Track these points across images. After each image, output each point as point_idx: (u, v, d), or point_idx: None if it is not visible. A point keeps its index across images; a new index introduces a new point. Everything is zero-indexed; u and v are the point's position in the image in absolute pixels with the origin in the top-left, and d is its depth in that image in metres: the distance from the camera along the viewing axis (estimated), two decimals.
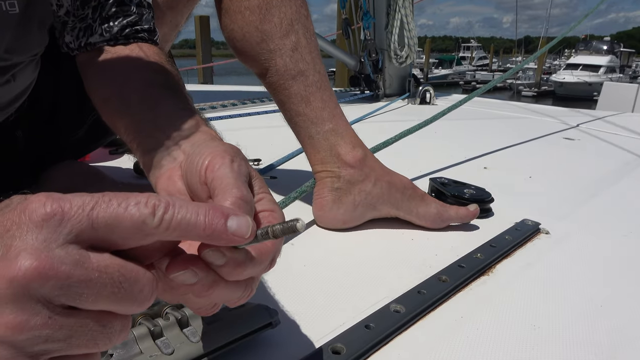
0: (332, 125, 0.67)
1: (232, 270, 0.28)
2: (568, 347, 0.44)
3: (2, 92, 0.56)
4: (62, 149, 0.73)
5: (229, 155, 0.33)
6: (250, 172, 0.34)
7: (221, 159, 0.33)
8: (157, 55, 0.51)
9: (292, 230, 0.27)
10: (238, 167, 0.33)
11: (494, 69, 34.51)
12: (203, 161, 0.33)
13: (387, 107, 1.84)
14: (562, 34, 1.70)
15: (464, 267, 0.56)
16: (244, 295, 0.30)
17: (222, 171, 0.32)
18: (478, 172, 1.00)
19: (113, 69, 0.49)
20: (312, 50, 0.67)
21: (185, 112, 0.43)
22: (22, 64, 0.55)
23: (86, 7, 0.51)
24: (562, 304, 0.51)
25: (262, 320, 0.41)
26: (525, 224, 0.70)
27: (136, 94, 0.45)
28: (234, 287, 0.29)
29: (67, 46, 0.53)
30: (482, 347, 0.44)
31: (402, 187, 0.68)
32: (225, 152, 0.34)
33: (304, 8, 0.67)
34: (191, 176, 0.34)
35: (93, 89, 0.51)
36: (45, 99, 0.67)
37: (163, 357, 0.36)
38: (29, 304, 0.21)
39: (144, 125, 0.43)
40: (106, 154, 1.05)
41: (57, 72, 0.67)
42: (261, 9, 0.64)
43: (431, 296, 0.50)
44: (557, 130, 1.47)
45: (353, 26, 2.16)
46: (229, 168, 0.32)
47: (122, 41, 0.51)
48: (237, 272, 0.28)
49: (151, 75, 0.48)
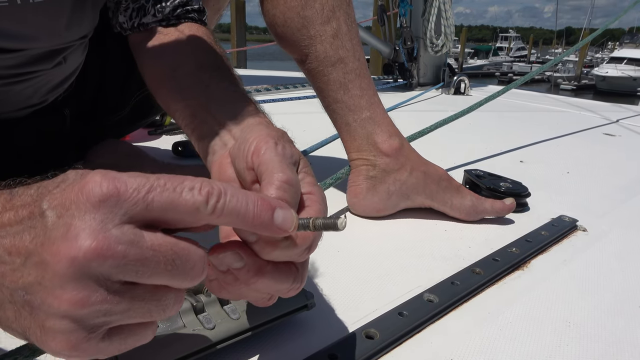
0: (370, 113, 0.67)
1: (264, 246, 0.28)
2: (604, 345, 0.44)
3: (55, 74, 0.58)
4: (105, 129, 0.75)
5: (272, 139, 0.34)
6: (294, 154, 0.34)
7: (265, 143, 0.34)
8: (206, 35, 0.52)
9: (333, 227, 0.27)
10: (282, 149, 0.33)
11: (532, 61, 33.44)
12: (249, 147, 0.34)
13: (420, 96, 1.82)
14: (605, 24, 1.63)
15: (498, 261, 0.56)
16: (294, 286, 0.31)
17: (267, 155, 0.33)
18: (514, 165, 0.99)
19: (165, 52, 0.51)
20: (353, 37, 0.67)
21: (236, 95, 0.44)
22: (73, 46, 0.57)
23: None
24: (599, 302, 0.51)
25: (298, 302, 0.42)
26: (563, 220, 0.69)
27: (188, 78, 0.46)
28: (281, 277, 0.30)
29: (120, 26, 0.54)
30: (515, 341, 0.44)
31: (437, 178, 0.67)
32: (269, 135, 0.34)
33: None
34: (239, 162, 0.35)
35: (146, 71, 0.53)
36: (92, 79, 0.70)
37: (205, 331, 0.38)
38: (89, 281, 0.23)
39: (196, 111, 0.44)
40: (145, 135, 1.08)
41: (103, 53, 0.70)
42: None
43: (465, 287, 0.50)
44: (596, 125, 1.42)
45: (389, 12, 2.14)
46: (273, 152, 0.33)
47: (174, 21, 0.52)
48: (268, 249, 0.29)
49: (202, 57, 0.49)
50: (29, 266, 0.23)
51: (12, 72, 0.53)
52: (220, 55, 0.50)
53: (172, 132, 1.13)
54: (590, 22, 42.55)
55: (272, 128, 0.37)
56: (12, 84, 0.54)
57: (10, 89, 0.54)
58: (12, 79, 0.53)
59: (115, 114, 0.75)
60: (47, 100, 0.61)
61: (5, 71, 0.52)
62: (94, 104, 0.73)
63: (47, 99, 0.61)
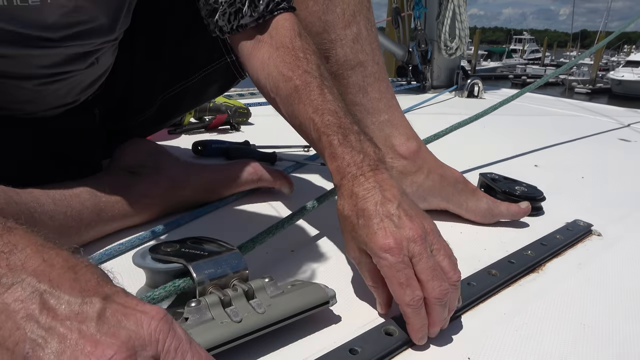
0: (388, 116, 0.68)
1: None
2: (618, 347, 0.45)
3: (87, 74, 0.61)
4: (130, 128, 0.78)
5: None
6: None
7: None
8: (296, 23, 0.57)
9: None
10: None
11: (547, 64, 33.08)
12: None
13: (434, 99, 1.83)
14: (621, 28, 1.63)
15: (514, 263, 0.57)
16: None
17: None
18: (528, 169, 0.99)
19: (263, 58, 0.55)
20: (372, 42, 0.68)
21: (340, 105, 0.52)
22: (105, 47, 0.60)
23: None
24: (614, 305, 0.51)
25: (321, 298, 0.44)
26: (577, 225, 0.70)
27: (287, 90, 0.53)
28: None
29: (219, 30, 0.57)
30: (531, 341, 0.45)
31: (454, 181, 0.68)
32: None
33: (365, 0, 0.69)
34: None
35: (252, 76, 0.59)
36: (120, 80, 0.72)
37: (232, 324, 0.39)
38: None
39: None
40: (165, 134, 1.11)
41: (131, 55, 0.72)
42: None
43: (481, 288, 0.51)
44: (611, 129, 1.42)
45: (403, 13, 2.14)
46: None
47: (268, 16, 0.55)
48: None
49: (302, 61, 0.54)
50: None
51: (48, 71, 0.55)
52: (314, 49, 0.56)
53: (191, 132, 1.16)
54: (606, 25, 41.98)
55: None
56: (48, 83, 0.56)
57: (46, 88, 0.57)
58: (48, 79, 0.56)
59: (141, 114, 0.77)
60: (79, 100, 0.64)
61: (42, 70, 0.54)
62: (121, 104, 0.75)
63: (79, 99, 0.64)
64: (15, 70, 0.53)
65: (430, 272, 0.42)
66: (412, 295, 0.42)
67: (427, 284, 0.42)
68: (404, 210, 0.44)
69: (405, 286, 0.42)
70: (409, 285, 0.42)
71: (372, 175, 0.46)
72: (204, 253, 0.45)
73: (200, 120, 1.21)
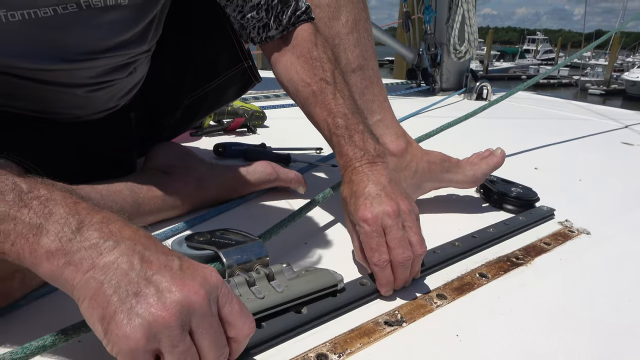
0: (381, 116, 0.76)
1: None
2: (591, 325, 0.51)
3: (127, 82, 0.68)
4: (160, 130, 0.86)
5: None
6: None
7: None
8: (314, 33, 0.67)
9: None
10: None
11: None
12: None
13: (443, 101, 1.88)
14: (614, 29, 1.65)
15: (476, 237, 0.69)
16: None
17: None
18: (528, 171, 1.05)
19: (286, 64, 0.66)
20: (369, 48, 0.76)
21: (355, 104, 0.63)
22: (141, 58, 0.68)
23: (260, 12, 0.65)
24: (592, 295, 0.58)
25: (330, 281, 0.51)
26: (541, 209, 0.79)
27: (306, 94, 0.63)
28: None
29: (252, 40, 0.69)
30: (516, 323, 0.52)
31: (439, 161, 0.77)
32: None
33: (364, 11, 0.77)
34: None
35: (278, 78, 0.69)
36: (152, 86, 0.80)
37: (257, 300, 0.47)
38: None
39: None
40: (187, 136, 1.18)
41: (160, 63, 0.80)
42: (330, 7, 0.73)
43: (443, 255, 0.63)
44: (617, 133, 1.45)
45: (413, 16, 2.20)
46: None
47: (291, 28, 0.66)
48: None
49: (318, 69, 0.63)
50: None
51: (94, 80, 0.63)
52: (331, 57, 0.66)
53: (210, 134, 1.24)
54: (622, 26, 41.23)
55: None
56: (94, 90, 0.64)
57: (92, 95, 0.65)
58: (94, 87, 0.64)
59: (169, 117, 0.85)
60: (119, 105, 0.72)
61: (89, 80, 0.62)
62: (153, 108, 0.83)
63: (119, 104, 0.72)
64: (67, 80, 0.61)
65: (397, 241, 0.53)
66: (379, 258, 0.53)
67: (393, 250, 0.53)
68: (385, 192, 0.56)
69: (375, 250, 0.53)
70: (377, 250, 0.53)
71: (368, 167, 0.58)
72: (231, 242, 0.53)
73: (219, 123, 1.28)
